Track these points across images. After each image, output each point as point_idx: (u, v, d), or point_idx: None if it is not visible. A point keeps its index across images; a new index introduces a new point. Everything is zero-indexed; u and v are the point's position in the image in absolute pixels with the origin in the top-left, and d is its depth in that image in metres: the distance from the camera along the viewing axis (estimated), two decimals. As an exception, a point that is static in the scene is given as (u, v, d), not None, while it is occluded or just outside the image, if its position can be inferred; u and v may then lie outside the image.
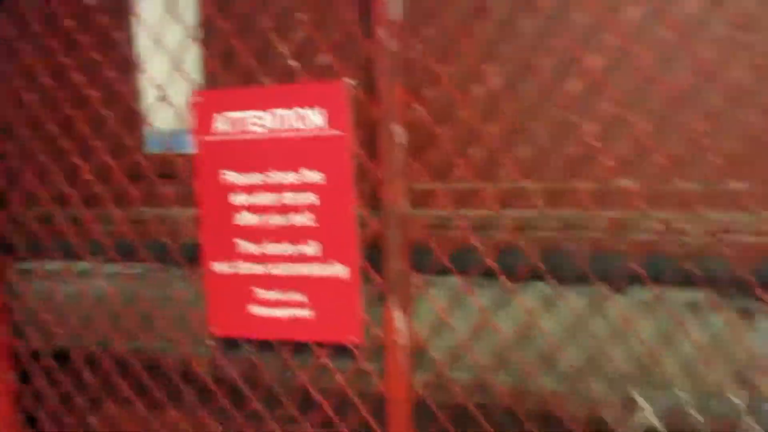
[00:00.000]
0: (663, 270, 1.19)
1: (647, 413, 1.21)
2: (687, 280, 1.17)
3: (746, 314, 1.18)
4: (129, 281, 1.59)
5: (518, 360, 1.28)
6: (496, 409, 1.32)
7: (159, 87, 1.40)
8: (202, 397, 1.53)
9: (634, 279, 1.21)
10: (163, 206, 1.52)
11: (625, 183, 1.20)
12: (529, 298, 1.28)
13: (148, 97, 1.51)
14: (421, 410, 1.34)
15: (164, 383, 1.57)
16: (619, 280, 1.22)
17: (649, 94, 1.20)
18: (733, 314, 1.17)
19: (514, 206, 1.30)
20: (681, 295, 1.22)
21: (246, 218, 1.31)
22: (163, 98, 1.39)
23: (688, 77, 1.17)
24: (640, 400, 1.22)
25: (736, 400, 1.16)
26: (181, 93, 1.38)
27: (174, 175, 1.44)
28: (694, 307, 1.21)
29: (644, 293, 1.23)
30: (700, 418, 1.18)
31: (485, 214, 1.31)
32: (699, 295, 1.20)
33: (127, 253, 1.57)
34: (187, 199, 1.44)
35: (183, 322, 1.53)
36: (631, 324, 1.20)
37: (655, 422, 1.20)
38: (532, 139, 1.28)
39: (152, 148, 1.63)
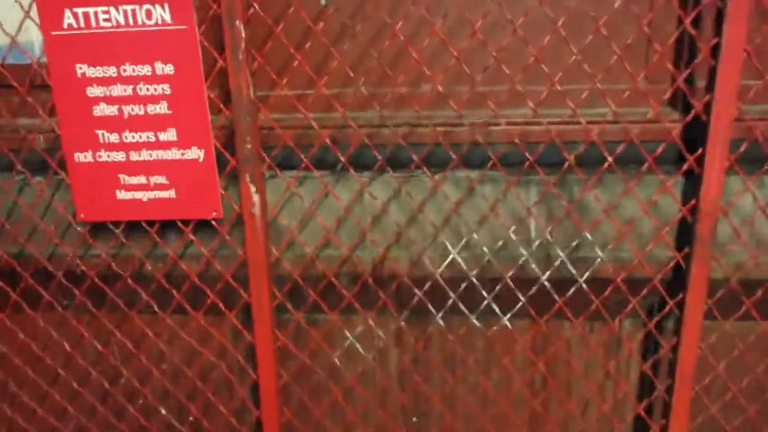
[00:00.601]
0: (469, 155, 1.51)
1: (455, 256, 1.55)
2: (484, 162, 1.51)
3: (526, 184, 1.55)
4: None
5: (353, 227, 1.56)
6: (341, 268, 1.61)
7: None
8: (76, 285, 1.66)
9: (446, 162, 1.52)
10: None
11: (426, 88, 1.47)
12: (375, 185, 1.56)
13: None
14: (277, 273, 1.60)
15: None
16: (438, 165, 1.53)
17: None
18: (516, 183, 1.52)
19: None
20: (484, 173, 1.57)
21: (104, 109, 1.42)
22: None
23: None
24: (449, 248, 1.56)
25: (519, 245, 1.54)
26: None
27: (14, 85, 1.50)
28: (489, 180, 1.56)
29: (457, 173, 1.56)
30: (494, 260, 1.56)
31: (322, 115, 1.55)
32: (495, 173, 1.55)
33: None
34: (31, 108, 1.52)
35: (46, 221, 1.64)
36: (440, 192, 1.53)
37: (461, 262, 1.56)
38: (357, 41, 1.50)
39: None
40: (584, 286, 1.50)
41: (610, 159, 1.41)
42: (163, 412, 1.81)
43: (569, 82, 1.44)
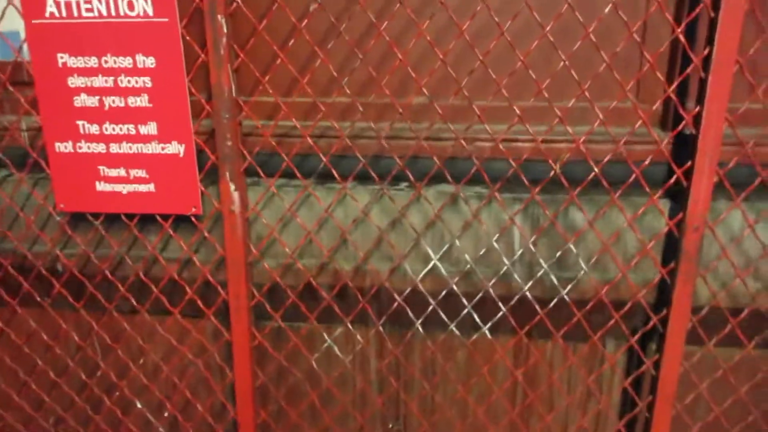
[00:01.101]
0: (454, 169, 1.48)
1: (437, 264, 1.53)
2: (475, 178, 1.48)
3: (512, 202, 1.52)
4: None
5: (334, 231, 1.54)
6: (322, 276, 1.59)
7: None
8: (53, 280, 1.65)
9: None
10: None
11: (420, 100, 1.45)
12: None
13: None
14: (259, 281, 1.58)
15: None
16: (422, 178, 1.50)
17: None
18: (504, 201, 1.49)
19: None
20: (472, 188, 1.55)
21: (85, 100, 1.40)
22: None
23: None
24: (432, 254, 1.53)
25: (503, 257, 1.51)
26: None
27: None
28: (479, 196, 1.54)
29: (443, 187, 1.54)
30: (475, 267, 1.53)
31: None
32: (484, 190, 1.53)
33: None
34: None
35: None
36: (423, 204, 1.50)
37: (442, 270, 1.53)
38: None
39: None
40: (566, 298, 1.47)
41: (596, 170, 1.37)
42: (139, 405, 1.80)
43: (557, 98, 1.41)
